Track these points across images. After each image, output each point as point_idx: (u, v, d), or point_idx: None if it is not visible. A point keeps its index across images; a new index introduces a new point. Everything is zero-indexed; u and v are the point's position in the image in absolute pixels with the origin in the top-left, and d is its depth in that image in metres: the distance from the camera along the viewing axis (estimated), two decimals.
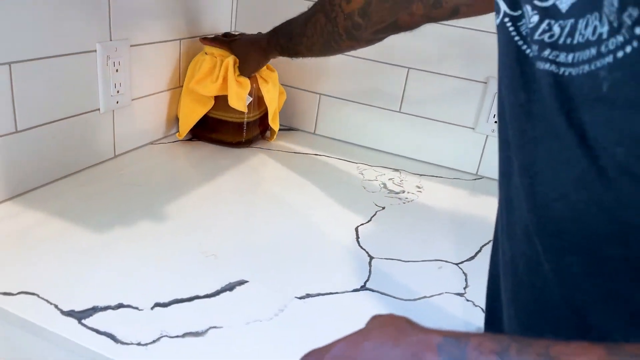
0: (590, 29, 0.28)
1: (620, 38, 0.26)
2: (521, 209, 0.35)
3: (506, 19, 0.35)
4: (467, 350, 0.25)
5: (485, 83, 1.00)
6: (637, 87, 0.25)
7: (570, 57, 0.29)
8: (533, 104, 0.33)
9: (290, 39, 0.82)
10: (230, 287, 0.60)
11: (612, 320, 0.29)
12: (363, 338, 0.29)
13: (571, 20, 0.29)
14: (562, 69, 0.30)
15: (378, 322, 0.31)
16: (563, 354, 0.23)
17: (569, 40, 0.29)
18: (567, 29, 0.29)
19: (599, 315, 0.30)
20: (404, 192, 0.94)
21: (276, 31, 0.86)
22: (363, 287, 0.65)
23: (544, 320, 0.26)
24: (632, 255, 0.28)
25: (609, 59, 0.27)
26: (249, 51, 0.93)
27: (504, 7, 0.35)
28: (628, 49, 0.25)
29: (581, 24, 0.28)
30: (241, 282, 0.62)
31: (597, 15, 0.27)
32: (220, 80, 0.94)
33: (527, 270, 0.35)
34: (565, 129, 0.30)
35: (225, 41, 0.96)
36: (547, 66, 0.31)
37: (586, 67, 0.28)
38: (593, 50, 0.28)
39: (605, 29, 0.27)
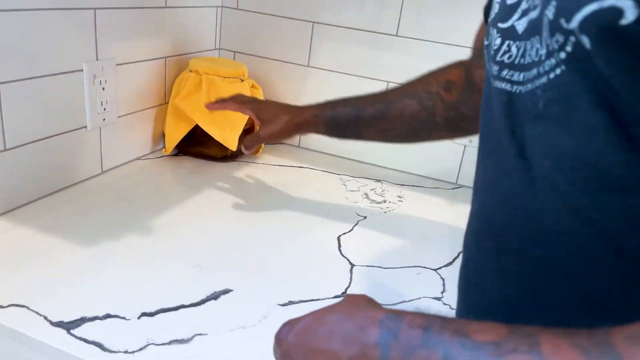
0: (534, 51, 0.31)
1: (552, 61, 0.29)
2: (476, 217, 0.38)
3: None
4: (401, 325, 0.29)
5: None
6: (563, 106, 0.29)
7: (521, 76, 0.32)
8: (493, 121, 0.36)
9: (357, 120, 0.73)
10: (215, 296, 0.63)
11: (541, 318, 0.33)
12: (328, 312, 0.34)
13: (525, 42, 0.32)
14: (514, 87, 0.33)
15: (346, 300, 0.35)
16: (472, 331, 0.27)
17: (522, 61, 0.32)
18: (521, 50, 0.33)
19: (530, 312, 0.33)
20: (385, 201, 0.97)
21: (331, 107, 0.77)
22: (344, 294, 0.67)
23: (487, 319, 0.30)
24: (551, 256, 0.31)
25: (544, 79, 0.30)
26: (280, 117, 0.80)
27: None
28: (558, 71, 0.29)
29: (529, 45, 0.32)
30: (226, 291, 0.64)
31: (538, 39, 0.30)
32: (212, 114, 0.96)
33: (476, 273, 0.38)
34: (508, 142, 0.33)
35: (247, 100, 0.85)
36: (503, 85, 0.34)
37: (530, 86, 0.31)
38: (535, 71, 0.31)
39: (544, 52, 0.30)
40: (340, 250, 0.77)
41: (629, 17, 0.23)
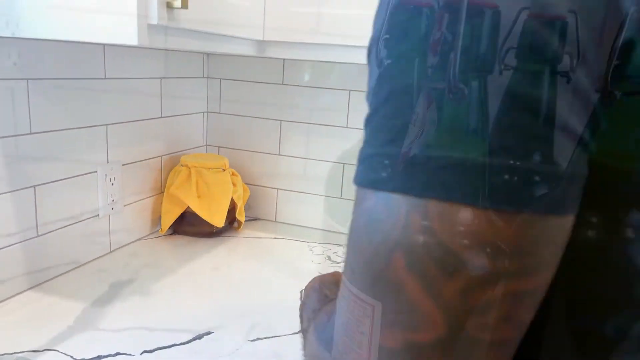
0: None
1: None
2: None
3: None
4: (319, 291, 0.46)
5: None
6: None
7: None
8: None
9: None
10: (199, 336, 0.82)
11: None
12: (327, 274, 0.50)
13: None
14: None
15: (332, 273, 0.51)
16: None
17: None
18: None
19: None
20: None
21: None
22: (298, 332, 0.86)
23: None
24: None
25: None
26: None
27: None
28: None
29: None
30: (208, 333, 0.83)
31: None
32: (200, 198, 1.20)
33: None
34: None
35: None
36: None
37: None
38: None
39: None
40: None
41: None
